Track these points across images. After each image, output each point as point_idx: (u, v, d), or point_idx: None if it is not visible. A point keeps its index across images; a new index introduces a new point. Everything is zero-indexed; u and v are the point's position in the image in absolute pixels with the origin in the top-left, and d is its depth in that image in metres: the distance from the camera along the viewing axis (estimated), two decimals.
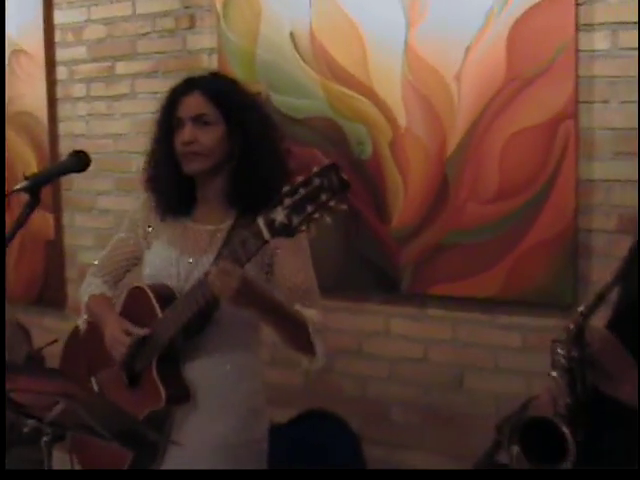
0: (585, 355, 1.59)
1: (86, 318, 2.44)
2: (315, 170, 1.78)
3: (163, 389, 2.16)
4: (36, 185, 2.03)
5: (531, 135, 2.77)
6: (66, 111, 3.91)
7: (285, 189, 1.80)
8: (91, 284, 2.45)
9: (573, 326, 1.59)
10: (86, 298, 2.43)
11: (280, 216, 1.80)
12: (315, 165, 1.80)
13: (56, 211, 3.95)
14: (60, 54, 3.90)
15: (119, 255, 2.44)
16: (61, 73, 3.91)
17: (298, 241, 2.18)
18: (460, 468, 2.60)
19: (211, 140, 2.21)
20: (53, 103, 3.92)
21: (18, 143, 3.99)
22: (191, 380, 2.23)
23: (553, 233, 2.75)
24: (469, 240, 2.91)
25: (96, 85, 3.80)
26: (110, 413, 1.73)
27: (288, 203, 1.79)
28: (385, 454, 3.14)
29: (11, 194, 2.06)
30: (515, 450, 1.65)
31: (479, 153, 2.86)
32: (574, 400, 1.61)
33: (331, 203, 1.77)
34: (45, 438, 1.84)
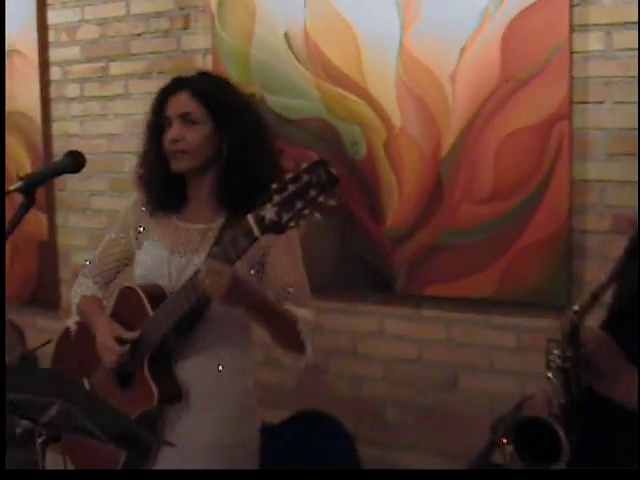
0: (580, 355, 1.60)
1: (76, 319, 2.44)
2: (304, 166, 1.79)
3: (155, 388, 2.16)
4: (31, 186, 2.02)
5: (525, 136, 2.77)
6: (60, 111, 3.90)
7: (274, 186, 1.80)
8: (82, 285, 2.46)
9: (568, 326, 1.59)
10: (77, 299, 2.43)
11: (270, 213, 1.80)
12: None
13: (50, 211, 3.94)
14: (54, 54, 3.89)
15: (110, 256, 2.44)
16: (55, 73, 3.90)
17: (289, 240, 2.18)
18: (455, 468, 2.60)
19: (198, 138, 2.21)
20: (47, 103, 3.91)
21: (12, 143, 3.98)
22: (183, 379, 2.23)
23: (547, 233, 2.76)
24: (463, 240, 2.91)
25: (90, 85, 3.79)
26: (106, 414, 1.72)
27: (277, 200, 1.79)
28: (380, 454, 3.14)
29: (6, 195, 2.05)
30: (509, 450, 1.65)
31: (474, 153, 2.87)
32: (569, 400, 1.61)
33: (320, 199, 1.77)
34: (39, 439, 1.83)
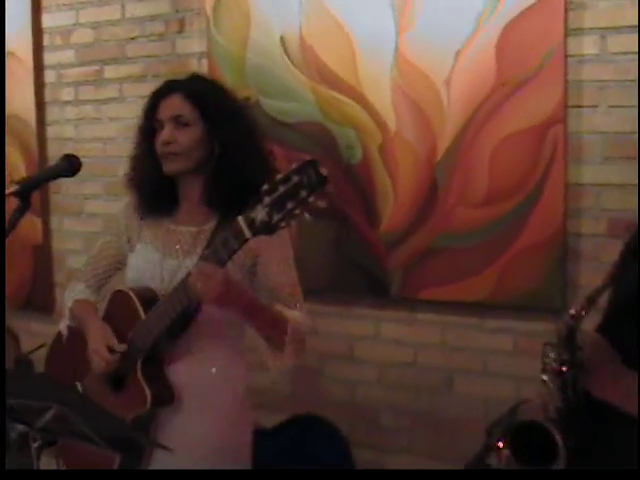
0: (576, 359, 1.60)
1: (68, 323, 2.43)
2: (293, 167, 1.79)
3: (148, 391, 2.16)
4: (27, 189, 2.02)
5: (520, 140, 2.77)
6: (54, 115, 3.89)
7: (265, 187, 1.81)
8: (74, 289, 2.45)
9: (564, 330, 1.60)
10: (70, 303, 2.43)
11: (260, 214, 1.81)
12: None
13: (44, 215, 3.92)
14: (48, 58, 3.88)
15: (102, 259, 2.44)
16: (49, 77, 3.89)
17: (281, 241, 2.19)
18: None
19: (190, 141, 2.21)
20: (41, 107, 3.90)
21: (6, 146, 3.97)
22: (175, 382, 2.22)
23: (542, 237, 2.76)
24: (458, 244, 2.91)
25: (84, 89, 3.79)
26: (102, 418, 1.71)
27: (268, 201, 1.80)
28: (375, 458, 3.13)
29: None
30: (505, 454, 1.66)
31: (468, 157, 2.87)
32: (565, 404, 1.61)
33: (311, 199, 1.78)
34: (35, 444, 1.82)
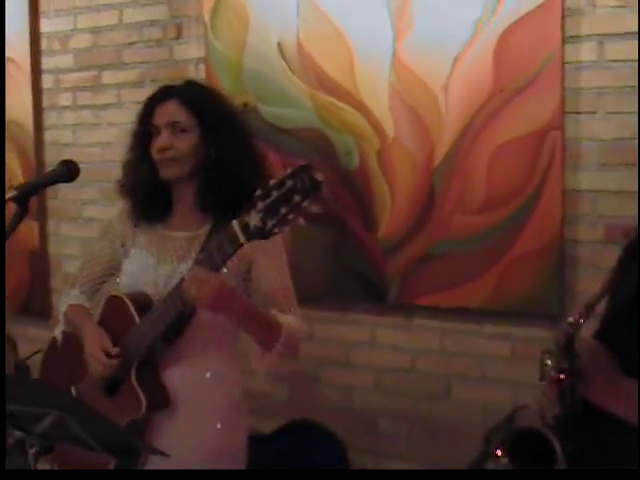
0: (574, 366, 1.60)
1: (62, 329, 2.43)
2: (287, 172, 1.80)
3: (143, 396, 2.16)
4: (25, 195, 2.02)
5: (518, 146, 2.78)
6: (52, 120, 3.89)
7: (258, 192, 1.82)
8: (68, 295, 2.46)
9: (563, 338, 1.60)
10: (64, 309, 2.43)
11: (254, 219, 1.82)
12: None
13: (41, 220, 3.92)
14: (46, 63, 3.88)
15: (96, 265, 2.44)
16: (47, 82, 3.89)
17: (274, 246, 2.19)
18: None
19: (187, 146, 2.23)
20: (39, 112, 3.90)
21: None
22: (170, 387, 2.22)
23: (540, 243, 2.76)
24: (456, 250, 2.91)
25: (82, 94, 3.79)
26: (100, 424, 1.71)
27: (262, 206, 1.81)
28: (372, 464, 3.13)
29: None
30: (504, 462, 1.66)
31: (466, 164, 2.87)
32: (563, 411, 1.61)
33: (304, 204, 1.78)
34: (32, 450, 1.82)
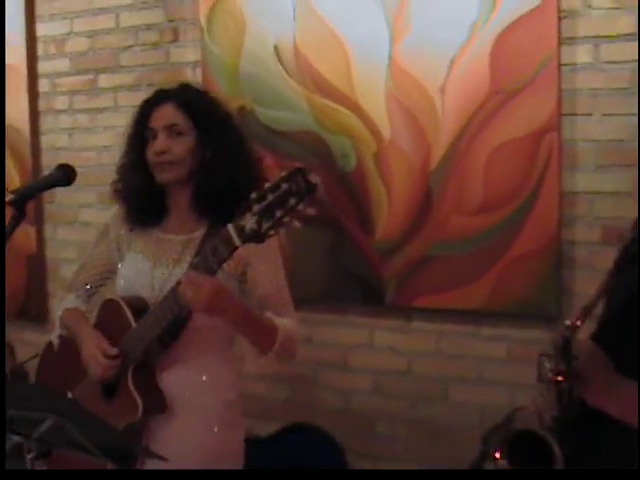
0: (572, 368, 1.60)
1: (58, 333, 2.43)
2: (282, 175, 1.80)
3: (140, 400, 2.16)
4: (22, 199, 2.02)
5: (514, 148, 2.78)
6: (48, 124, 3.89)
7: (253, 195, 1.82)
8: (64, 299, 2.45)
9: (560, 340, 1.60)
10: (60, 313, 2.42)
11: (250, 222, 1.82)
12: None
13: (38, 224, 3.92)
14: (42, 66, 3.88)
15: (92, 269, 2.44)
16: (43, 85, 3.89)
17: (270, 249, 2.20)
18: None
19: (184, 150, 2.22)
20: (35, 116, 3.90)
21: None
22: (166, 390, 2.22)
23: (537, 245, 2.77)
24: (453, 252, 2.91)
25: (79, 98, 3.79)
26: (98, 428, 1.71)
27: (257, 209, 1.81)
28: (370, 467, 3.13)
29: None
30: (502, 464, 1.66)
31: (463, 166, 2.87)
32: (561, 413, 1.61)
33: (300, 207, 1.78)
34: (30, 455, 1.81)
